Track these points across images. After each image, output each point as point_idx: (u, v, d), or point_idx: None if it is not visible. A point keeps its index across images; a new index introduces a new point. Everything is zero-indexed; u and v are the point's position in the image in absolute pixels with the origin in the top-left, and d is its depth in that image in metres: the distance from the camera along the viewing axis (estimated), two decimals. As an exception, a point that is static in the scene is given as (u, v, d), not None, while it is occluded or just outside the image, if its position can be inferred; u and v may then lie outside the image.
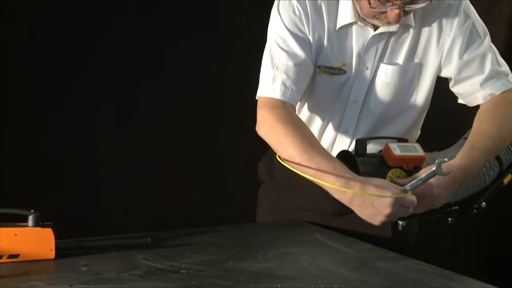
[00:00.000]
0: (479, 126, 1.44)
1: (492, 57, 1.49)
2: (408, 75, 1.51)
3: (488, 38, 1.50)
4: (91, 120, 2.23)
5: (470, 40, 1.48)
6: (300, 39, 1.46)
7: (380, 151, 1.41)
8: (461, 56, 1.48)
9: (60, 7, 2.12)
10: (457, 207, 1.49)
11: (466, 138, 1.49)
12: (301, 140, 1.35)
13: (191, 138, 2.37)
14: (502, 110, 1.45)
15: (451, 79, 1.54)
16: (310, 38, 1.47)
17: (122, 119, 2.28)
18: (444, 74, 1.53)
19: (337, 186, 1.29)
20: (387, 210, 1.27)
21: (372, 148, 1.51)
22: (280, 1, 1.50)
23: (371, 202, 1.27)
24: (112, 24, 2.20)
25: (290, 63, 1.44)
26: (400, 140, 1.44)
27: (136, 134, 2.30)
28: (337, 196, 1.32)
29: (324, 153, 1.36)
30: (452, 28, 1.48)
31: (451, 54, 1.49)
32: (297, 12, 1.47)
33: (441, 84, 1.60)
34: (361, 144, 1.41)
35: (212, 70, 2.37)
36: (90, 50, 2.19)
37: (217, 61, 2.36)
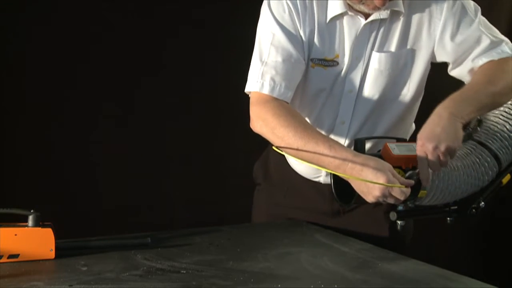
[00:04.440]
0: (471, 79, 1.46)
1: (484, 34, 1.49)
2: (401, 62, 1.52)
3: (478, 16, 1.50)
4: (91, 120, 2.23)
5: (460, 21, 1.49)
6: (291, 35, 1.47)
7: (379, 151, 1.41)
8: (453, 38, 1.49)
9: (58, 7, 2.12)
10: (456, 207, 1.49)
11: (465, 139, 1.49)
12: (295, 128, 1.37)
13: (191, 138, 2.37)
14: (495, 68, 1.46)
15: (449, 63, 1.54)
16: (301, 33, 1.48)
17: (122, 119, 2.28)
18: (440, 59, 1.54)
19: (333, 169, 1.32)
20: (376, 193, 1.28)
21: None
22: None
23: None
24: (111, 25, 2.20)
25: (279, 59, 1.45)
26: (398, 140, 1.44)
27: (136, 134, 2.30)
28: (337, 174, 1.34)
29: (319, 136, 1.38)
30: (442, 12, 1.49)
31: (443, 38, 1.50)
32: (286, 8, 1.48)
33: (439, 83, 1.60)
34: (360, 143, 1.41)
35: (211, 70, 2.37)
36: (90, 50, 2.19)
37: (216, 61, 2.36)
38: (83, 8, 2.15)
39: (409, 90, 1.54)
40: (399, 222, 1.43)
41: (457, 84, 1.60)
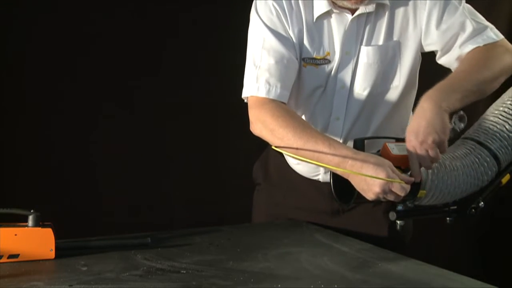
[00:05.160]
0: (457, 67, 1.47)
1: (468, 20, 1.49)
2: (389, 54, 1.53)
3: (462, 3, 1.51)
4: (91, 120, 2.23)
5: (445, 8, 1.49)
6: (281, 36, 1.49)
7: (378, 151, 1.41)
8: (438, 26, 1.50)
9: (58, 7, 2.12)
10: (455, 207, 1.49)
11: (465, 138, 1.49)
12: (294, 128, 1.38)
13: (191, 138, 2.37)
14: (481, 55, 1.46)
15: (437, 51, 1.55)
16: (291, 33, 1.50)
17: (122, 119, 2.28)
18: (428, 49, 1.55)
19: (333, 166, 1.32)
20: (376, 189, 1.29)
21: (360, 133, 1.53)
22: (257, 2, 1.53)
23: (365, 178, 1.29)
24: (111, 25, 2.20)
25: (272, 61, 1.47)
26: (398, 140, 1.44)
27: (136, 134, 2.30)
28: (337, 171, 1.35)
29: (318, 135, 1.39)
30: (426, 2, 1.50)
31: (429, 27, 1.51)
32: (273, 10, 1.49)
33: (437, 77, 1.60)
34: (359, 143, 1.41)
35: (211, 70, 2.37)
36: (89, 50, 2.19)
37: (217, 61, 2.36)
38: (83, 8, 2.15)
39: (400, 81, 1.55)
40: (398, 222, 1.43)
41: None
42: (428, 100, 1.35)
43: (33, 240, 1.20)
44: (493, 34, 1.49)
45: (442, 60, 1.56)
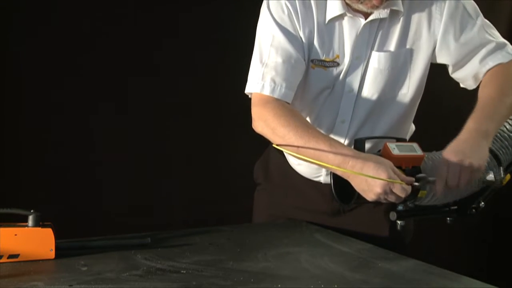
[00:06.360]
0: (482, 92, 1.46)
1: (487, 35, 1.50)
2: (400, 61, 1.52)
3: (480, 18, 1.51)
4: (91, 121, 2.24)
5: (463, 23, 1.49)
6: (290, 36, 1.48)
7: (379, 150, 1.41)
8: (457, 39, 1.49)
9: (58, 7, 2.12)
10: (455, 207, 1.49)
11: None
12: (295, 128, 1.38)
13: (191, 138, 2.37)
14: (502, 76, 1.47)
15: (450, 65, 1.54)
16: (301, 34, 1.49)
17: (122, 120, 2.28)
18: (441, 60, 1.54)
19: (334, 166, 1.32)
20: (377, 190, 1.28)
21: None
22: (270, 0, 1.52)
23: (365, 178, 1.29)
24: (111, 25, 2.20)
25: (280, 60, 1.46)
26: (398, 139, 1.44)
27: (136, 134, 2.30)
28: (338, 172, 1.34)
29: (319, 135, 1.39)
30: (442, 13, 1.49)
31: (446, 40, 1.50)
32: (285, 9, 1.48)
33: (440, 84, 1.60)
34: (360, 143, 1.41)
35: (212, 70, 2.37)
36: (90, 51, 2.19)
37: (217, 61, 2.36)
38: (83, 8, 2.15)
39: (409, 90, 1.55)
40: (399, 222, 1.43)
41: (457, 84, 1.60)
42: (472, 128, 1.36)
43: (33, 240, 1.20)
44: (510, 50, 1.50)
45: (456, 75, 1.55)
